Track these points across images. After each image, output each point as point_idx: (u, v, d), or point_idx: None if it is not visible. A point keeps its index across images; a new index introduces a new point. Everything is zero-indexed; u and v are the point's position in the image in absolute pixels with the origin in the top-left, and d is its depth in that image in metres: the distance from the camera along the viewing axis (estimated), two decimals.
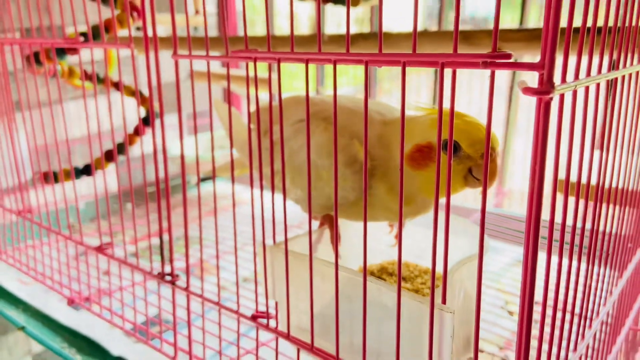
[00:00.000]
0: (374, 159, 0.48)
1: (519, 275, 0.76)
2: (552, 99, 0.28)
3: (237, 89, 1.17)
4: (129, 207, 1.10)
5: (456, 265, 0.44)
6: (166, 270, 0.58)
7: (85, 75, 0.80)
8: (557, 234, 0.35)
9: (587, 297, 0.41)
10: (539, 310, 0.56)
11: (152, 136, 0.53)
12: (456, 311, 0.40)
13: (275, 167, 0.49)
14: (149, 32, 0.50)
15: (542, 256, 0.31)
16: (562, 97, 0.29)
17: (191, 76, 0.49)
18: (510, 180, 1.34)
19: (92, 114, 0.61)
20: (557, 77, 0.29)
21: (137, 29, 1.07)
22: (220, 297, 0.53)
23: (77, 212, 0.67)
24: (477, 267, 0.32)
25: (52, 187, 0.72)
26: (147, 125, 0.75)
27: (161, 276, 0.57)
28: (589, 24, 0.31)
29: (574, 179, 0.35)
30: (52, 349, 0.67)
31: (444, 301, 0.37)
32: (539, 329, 0.34)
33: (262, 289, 0.51)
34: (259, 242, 0.49)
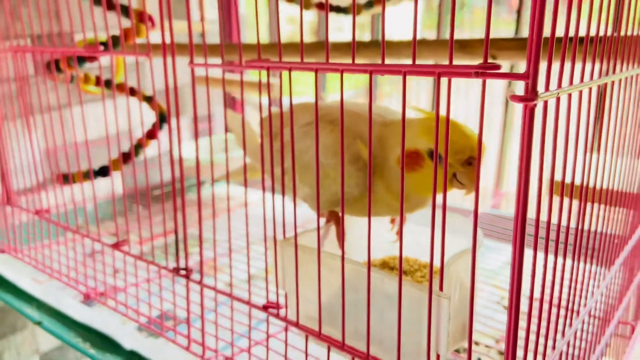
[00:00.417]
0: (374, 158, 0.51)
1: None
2: (536, 106, 0.31)
3: (235, 93, 1.21)
4: (138, 207, 1.13)
5: (452, 257, 0.47)
6: (180, 265, 0.61)
7: (99, 81, 0.83)
8: (553, 233, 0.38)
9: (574, 290, 0.45)
10: (534, 304, 0.59)
11: (169, 140, 0.56)
12: (452, 301, 0.43)
13: (285, 165, 0.53)
14: (167, 39, 0.54)
15: (537, 254, 0.34)
16: (545, 104, 0.33)
17: (206, 83, 0.53)
18: (507, 182, 1.37)
19: (103, 117, 0.64)
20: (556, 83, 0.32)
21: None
22: (232, 290, 0.56)
23: (95, 211, 0.70)
24: (471, 258, 0.35)
25: (71, 187, 0.75)
26: (160, 128, 0.78)
27: (176, 270, 0.60)
28: (572, 33, 0.35)
29: (560, 179, 0.38)
30: (68, 342, 0.70)
31: (441, 289, 0.40)
32: (527, 319, 0.37)
33: (271, 282, 0.55)
34: (269, 237, 0.53)
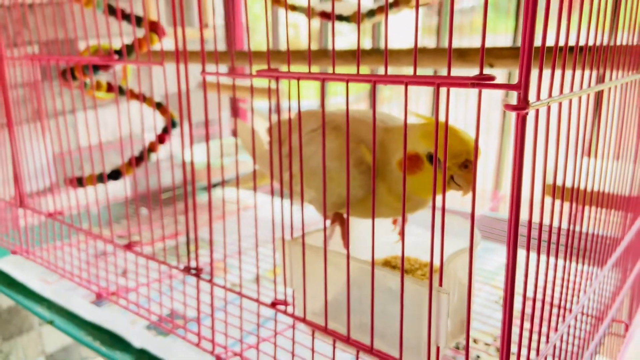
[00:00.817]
0: (376, 162, 0.54)
1: None
2: (527, 114, 0.34)
3: (242, 97, 1.25)
4: (146, 211, 1.16)
5: (451, 256, 0.50)
6: (191, 265, 0.64)
7: (110, 87, 0.86)
8: (546, 234, 0.41)
9: (567, 289, 0.47)
10: (529, 303, 0.61)
11: (181, 144, 0.59)
12: (451, 297, 0.46)
13: (293, 170, 0.56)
14: (180, 48, 0.56)
15: (529, 254, 0.37)
16: (537, 112, 0.36)
17: (217, 90, 0.55)
18: (505, 185, 1.39)
19: (111, 122, 0.67)
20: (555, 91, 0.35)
21: None
22: (241, 288, 0.59)
23: (109, 212, 0.73)
24: (468, 256, 0.38)
25: (85, 190, 0.77)
26: (168, 133, 0.81)
27: (187, 270, 0.63)
28: (561, 43, 0.38)
29: (554, 182, 0.41)
30: (80, 340, 0.72)
31: (440, 284, 0.43)
32: (520, 315, 0.40)
33: (279, 281, 0.57)
34: (278, 238, 0.56)
